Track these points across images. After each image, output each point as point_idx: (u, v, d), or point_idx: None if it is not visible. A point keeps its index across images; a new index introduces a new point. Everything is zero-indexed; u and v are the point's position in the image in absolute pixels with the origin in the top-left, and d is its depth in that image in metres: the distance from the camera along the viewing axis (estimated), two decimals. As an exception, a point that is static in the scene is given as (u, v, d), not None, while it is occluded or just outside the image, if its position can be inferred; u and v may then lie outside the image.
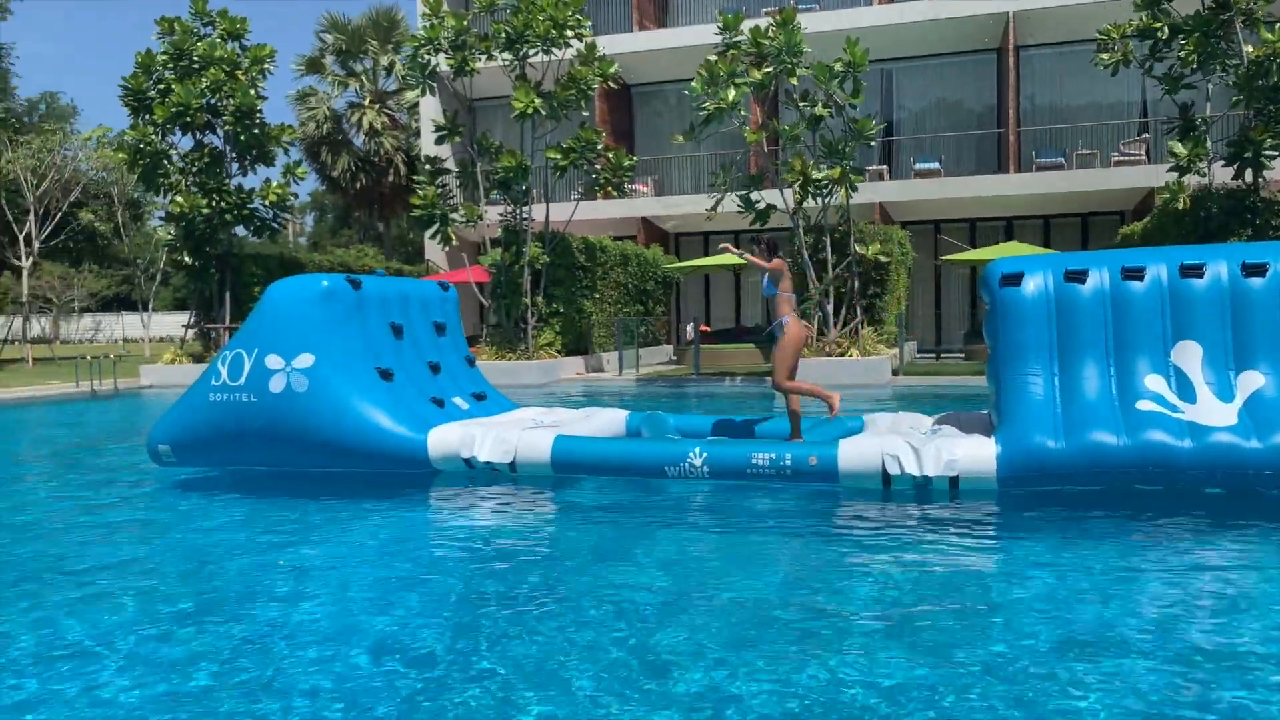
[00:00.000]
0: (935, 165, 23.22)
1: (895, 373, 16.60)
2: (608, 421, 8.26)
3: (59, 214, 29.13)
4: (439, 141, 19.26)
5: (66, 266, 37.33)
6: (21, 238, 28.16)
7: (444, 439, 7.18)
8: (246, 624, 4.08)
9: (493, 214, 20.11)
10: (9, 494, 7.65)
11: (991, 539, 5.53)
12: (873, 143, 17.05)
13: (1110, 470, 5.98)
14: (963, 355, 21.63)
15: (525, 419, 8.07)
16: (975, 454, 6.22)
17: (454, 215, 19.22)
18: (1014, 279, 6.56)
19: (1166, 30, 15.66)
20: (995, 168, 24.05)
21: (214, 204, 19.63)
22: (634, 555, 5.17)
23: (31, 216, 28.05)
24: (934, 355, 22.67)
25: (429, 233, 19.38)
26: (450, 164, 22.90)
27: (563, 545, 5.60)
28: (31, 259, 28.84)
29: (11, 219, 28.13)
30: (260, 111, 20.02)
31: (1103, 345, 6.35)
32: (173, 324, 33.63)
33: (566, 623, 4.01)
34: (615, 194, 20.44)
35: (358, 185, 35.28)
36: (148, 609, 4.31)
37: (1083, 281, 6.44)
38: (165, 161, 19.77)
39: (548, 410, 8.76)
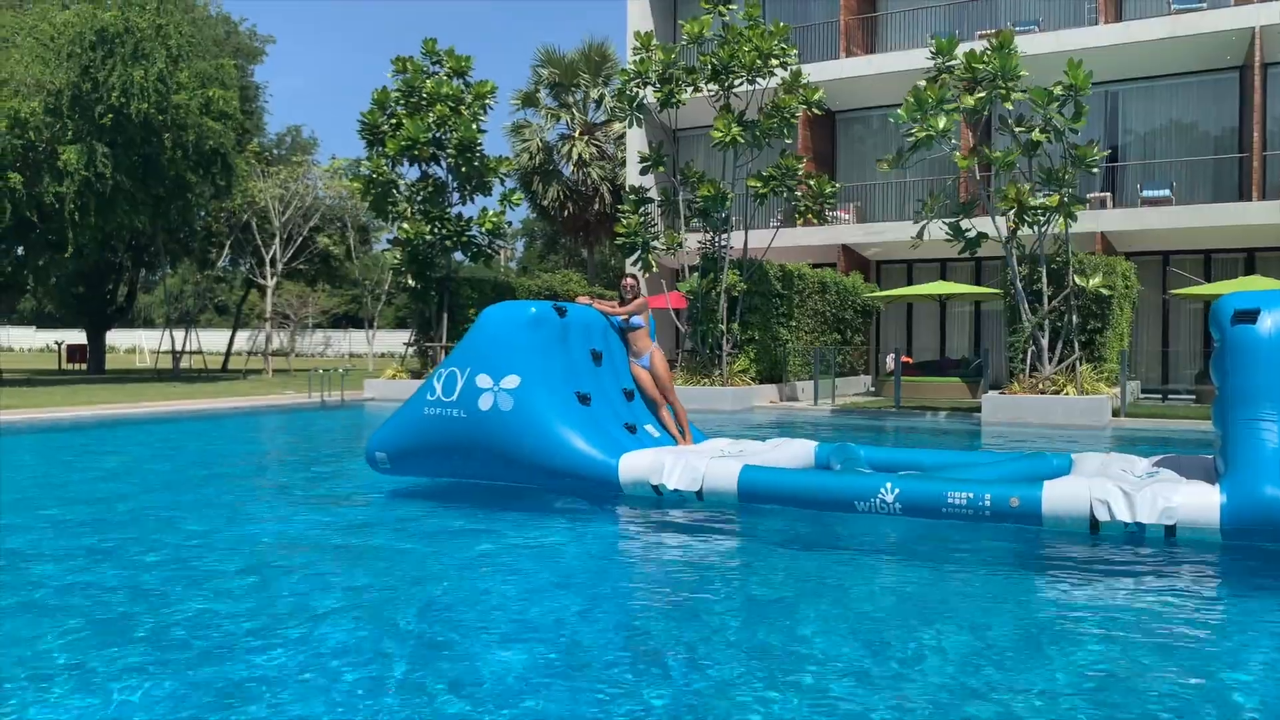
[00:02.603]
0: (1166, 193, 21.68)
1: (1116, 414, 15.57)
2: (795, 452, 8.20)
3: (300, 238, 31.94)
4: (644, 172, 19.78)
5: (303, 286, 40.84)
6: (268, 259, 31.08)
7: (634, 464, 7.35)
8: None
9: (692, 241, 20.41)
10: (246, 488, 8.46)
11: None
12: (1095, 169, 16.11)
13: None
14: (1193, 397, 20.00)
15: (715, 450, 8.12)
16: (1196, 502, 5.77)
17: (655, 242, 19.67)
18: (1249, 315, 6.06)
19: None
20: (1235, 195, 22.20)
21: (436, 231, 20.99)
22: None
23: (277, 240, 30.97)
24: (1160, 396, 21.07)
25: (631, 259, 19.90)
26: (654, 193, 23.45)
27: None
28: (275, 278, 31.76)
29: (260, 243, 31.13)
30: (480, 144, 21.23)
31: (1354, 392, 5.74)
32: (394, 341, 36.07)
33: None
34: (816, 221, 20.28)
35: (565, 213, 36.62)
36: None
37: (1330, 320, 5.86)
38: (394, 191, 21.34)
39: (735, 442, 8.78)
